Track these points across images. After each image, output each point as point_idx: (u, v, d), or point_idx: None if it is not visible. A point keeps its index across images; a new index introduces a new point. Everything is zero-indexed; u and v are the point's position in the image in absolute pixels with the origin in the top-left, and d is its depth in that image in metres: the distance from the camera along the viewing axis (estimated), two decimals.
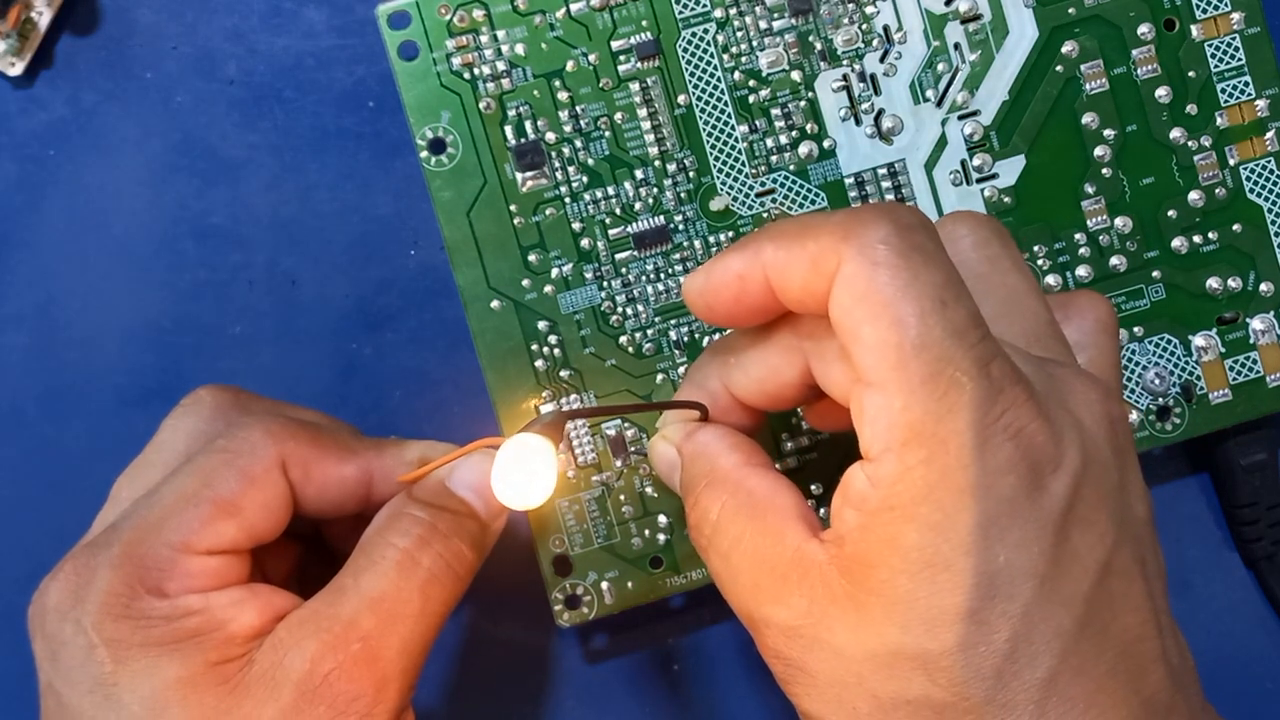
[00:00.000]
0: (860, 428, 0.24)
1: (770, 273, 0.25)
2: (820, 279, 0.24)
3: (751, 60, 0.34)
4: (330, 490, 0.30)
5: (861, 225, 0.24)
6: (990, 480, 0.23)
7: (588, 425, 0.34)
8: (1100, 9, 0.34)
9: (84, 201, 0.35)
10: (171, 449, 0.30)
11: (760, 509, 0.26)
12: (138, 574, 0.27)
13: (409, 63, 0.33)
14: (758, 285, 0.26)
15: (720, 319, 0.27)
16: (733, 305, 0.26)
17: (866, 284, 0.23)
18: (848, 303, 0.24)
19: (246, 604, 0.27)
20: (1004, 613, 0.23)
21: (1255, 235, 0.35)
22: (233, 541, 0.28)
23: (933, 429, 0.23)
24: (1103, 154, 0.34)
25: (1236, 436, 0.36)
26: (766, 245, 0.25)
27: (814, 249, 0.24)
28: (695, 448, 0.28)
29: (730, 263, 0.26)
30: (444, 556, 0.29)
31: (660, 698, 0.37)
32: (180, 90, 0.35)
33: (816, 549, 0.25)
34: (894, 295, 0.23)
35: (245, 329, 0.36)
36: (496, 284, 0.33)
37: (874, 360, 0.23)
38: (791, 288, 0.25)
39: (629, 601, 0.34)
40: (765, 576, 0.25)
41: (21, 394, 0.35)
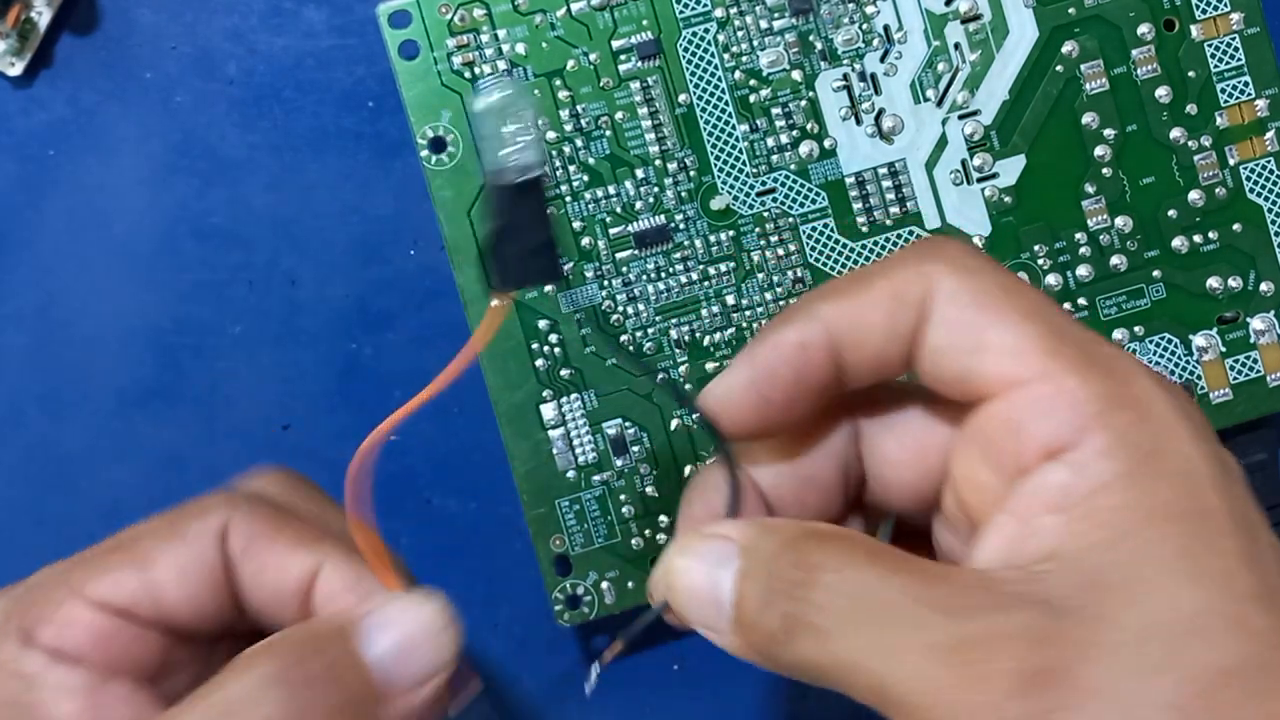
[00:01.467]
0: (1020, 436, 0.21)
1: (836, 329, 0.22)
2: (908, 311, 0.22)
3: (752, 60, 0.34)
4: (269, 576, 0.24)
5: (936, 248, 0.22)
6: (1200, 429, 0.20)
7: (588, 424, 0.34)
8: (1100, 9, 0.34)
9: (84, 201, 0.35)
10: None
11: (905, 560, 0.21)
12: (20, 609, 0.24)
13: (409, 62, 0.33)
14: (821, 354, 0.22)
15: (774, 414, 0.23)
16: (792, 387, 0.22)
17: (974, 290, 0.21)
18: (958, 314, 0.21)
19: (74, 697, 0.23)
20: (1271, 545, 0.20)
21: (1255, 235, 0.35)
22: (130, 596, 0.24)
23: (1125, 393, 0.20)
24: (1103, 154, 0.34)
25: (1236, 436, 0.36)
26: (820, 305, 0.22)
27: (891, 284, 0.22)
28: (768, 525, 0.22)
29: (783, 334, 0.22)
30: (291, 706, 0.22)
31: (660, 698, 0.37)
32: (180, 90, 0.35)
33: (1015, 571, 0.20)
34: (1009, 293, 0.21)
35: (245, 329, 0.36)
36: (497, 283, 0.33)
37: (1019, 358, 0.21)
38: (872, 338, 0.22)
39: (630, 601, 0.34)
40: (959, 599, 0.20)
41: (21, 394, 0.35)
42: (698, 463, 0.34)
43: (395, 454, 0.36)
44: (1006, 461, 0.21)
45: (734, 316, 0.34)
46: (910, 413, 0.24)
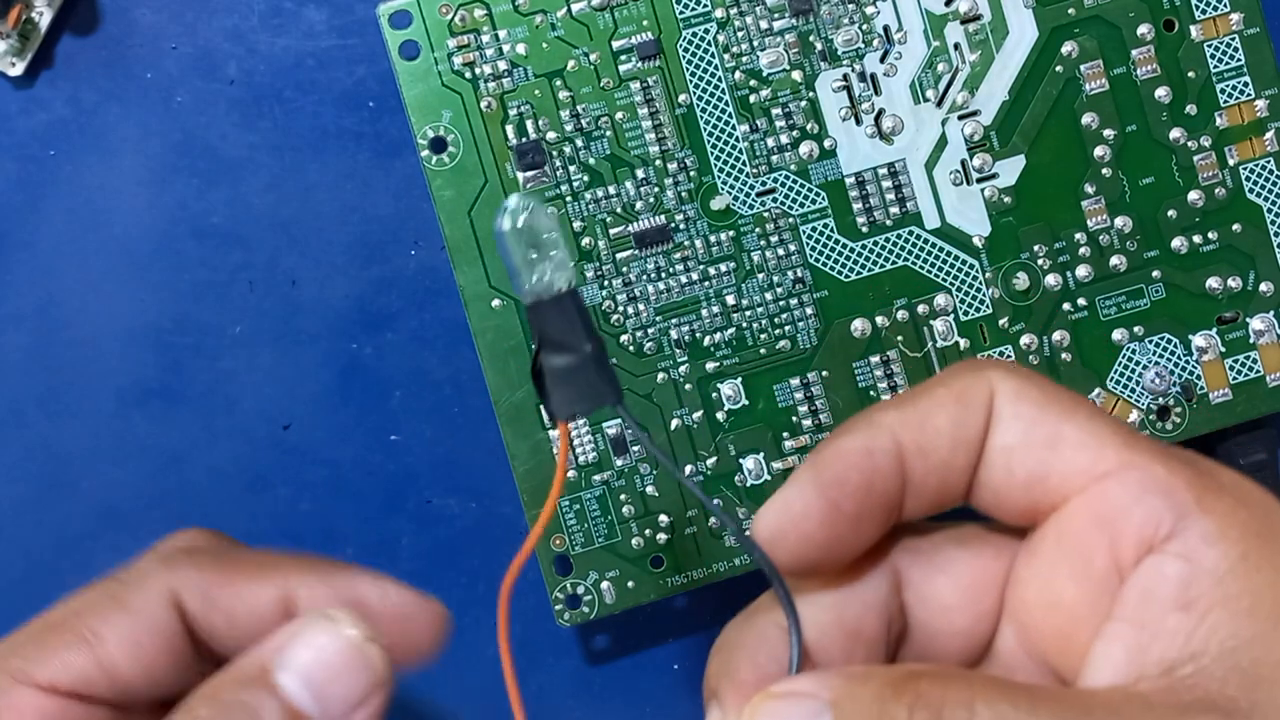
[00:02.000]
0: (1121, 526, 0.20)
1: (901, 436, 0.21)
2: (975, 413, 0.21)
3: (752, 60, 0.34)
4: (241, 617, 0.24)
5: (985, 361, 0.22)
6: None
7: (588, 424, 0.34)
8: (1100, 9, 0.34)
9: (84, 201, 0.35)
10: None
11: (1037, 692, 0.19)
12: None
13: (410, 62, 0.33)
14: (889, 461, 0.21)
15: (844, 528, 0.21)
16: (864, 496, 0.21)
17: (1040, 389, 0.21)
18: (1031, 410, 0.21)
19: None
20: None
21: (1255, 235, 0.35)
22: (81, 677, 0.23)
23: (1216, 482, 0.20)
24: (1103, 154, 0.34)
25: (1236, 436, 0.36)
26: (882, 414, 0.21)
27: (953, 390, 0.21)
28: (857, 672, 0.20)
29: (847, 442, 0.21)
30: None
31: (661, 698, 0.37)
32: (180, 90, 0.35)
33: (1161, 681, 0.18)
34: (1073, 395, 0.21)
35: (245, 329, 0.36)
36: (497, 283, 0.33)
37: (1096, 451, 0.20)
38: (937, 444, 0.21)
39: (630, 601, 0.34)
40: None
41: (21, 394, 0.35)
42: (697, 462, 0.34)
43: (395, 454, 0.36)
44: (1098, 564, 0.20)
45: (734, 316, 0.34)
46: (960, 550, 0.22)
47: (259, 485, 0.36)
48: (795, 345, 0.34)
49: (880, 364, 0.34)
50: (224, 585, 0.24)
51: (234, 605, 0.24)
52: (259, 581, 0.24)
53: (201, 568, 0.24)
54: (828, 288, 0.34)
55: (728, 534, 0.34)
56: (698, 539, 0.34)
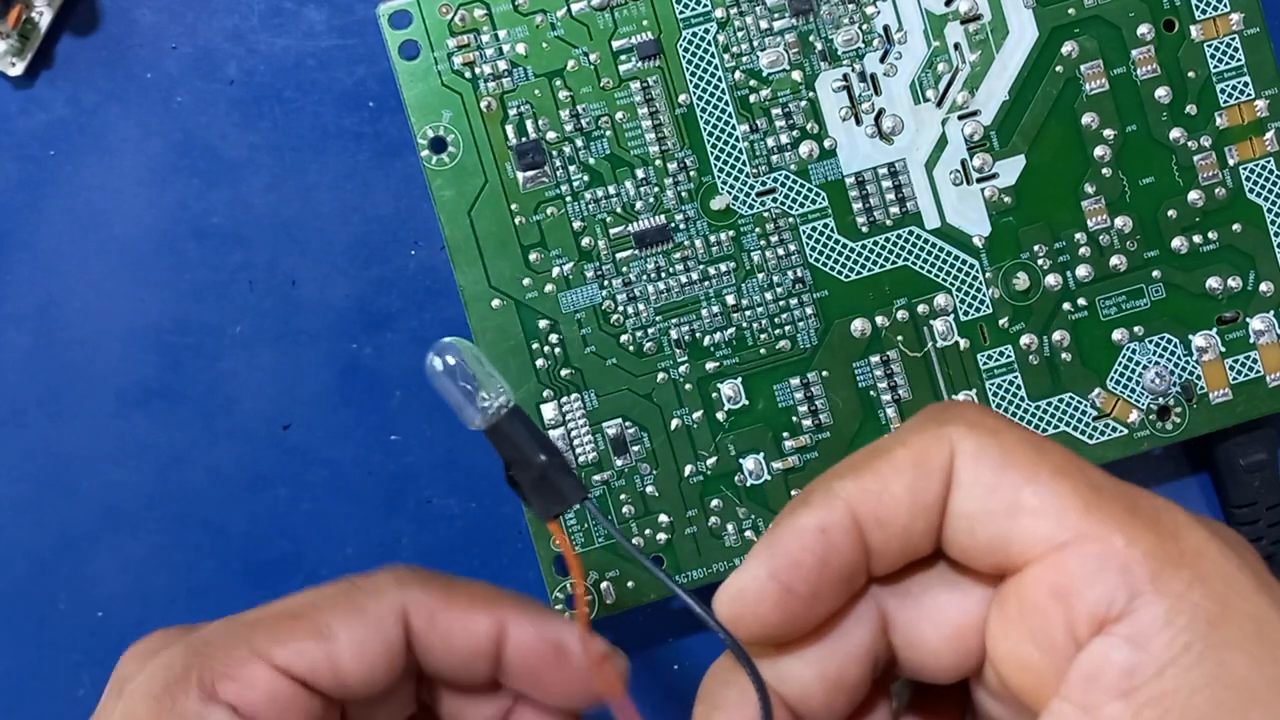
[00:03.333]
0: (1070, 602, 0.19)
1: (860, 508, 0.21)
2: (931, 480, 0.21)
3: (752, 60, 0.34)
4: (457, 642, 0.26)
5: (948, 411, 0.21)
6: (1263, 576, 0.20)
7: (589, 424, 0.34)
8: (1100, 9, 0.34)
9: (84, 201, 0.35)
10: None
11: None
12: (199, 662, 0.24)
13: (410, 62, 0.33)
14: (844, 536, 0.21)
15: (798, 606, 0.21)
16: (817, 576, 0.21)
17: (1000, 449, 0.20)
18: (989, 476, 0.20)
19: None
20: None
21: (1255, 235, 0.35)
22: (311, 668, 0.25)
23: (1177, 551, 0.19)
24: (1103, 154, 0.34)
25: (1236, 436, 0.36)
26: (838, 483, 0.21)
27: (910, 453, 0.21)
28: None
29: (801, 520, 0.21)
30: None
31: (661, 698, 0.37)
32: (180, 90, 0.35)
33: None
34: (1036, 449, 0.20)
35: (245, 329, 0.36)
36: (497, 283, 0.34)
37: (1058, 519, 0.20)
38: (896, 513, 0.21)
39: (630, 601, 0.34)
40: None
41: (21, 394, 0.35)
42: (697, 462, 0.34)
43: (395, 454, 0.36)
44: (1055, 635, 0.20)
45: (734, 316, 0.34)
46: (942, 593, 0.22)
47: (259, 485, 0.36)
48: (795, 345, 0.34)
49: (880, 364, 0.34)
50: (447, 610, 0.26)
51: (453, 630, 0.26)
52: (478, 612, 0.26)
53: (430, 591, 0.26)
54: (828, 288, 0.34)
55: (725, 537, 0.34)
56: (698, 539, 0.34)
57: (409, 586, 0.26)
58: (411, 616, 0.26)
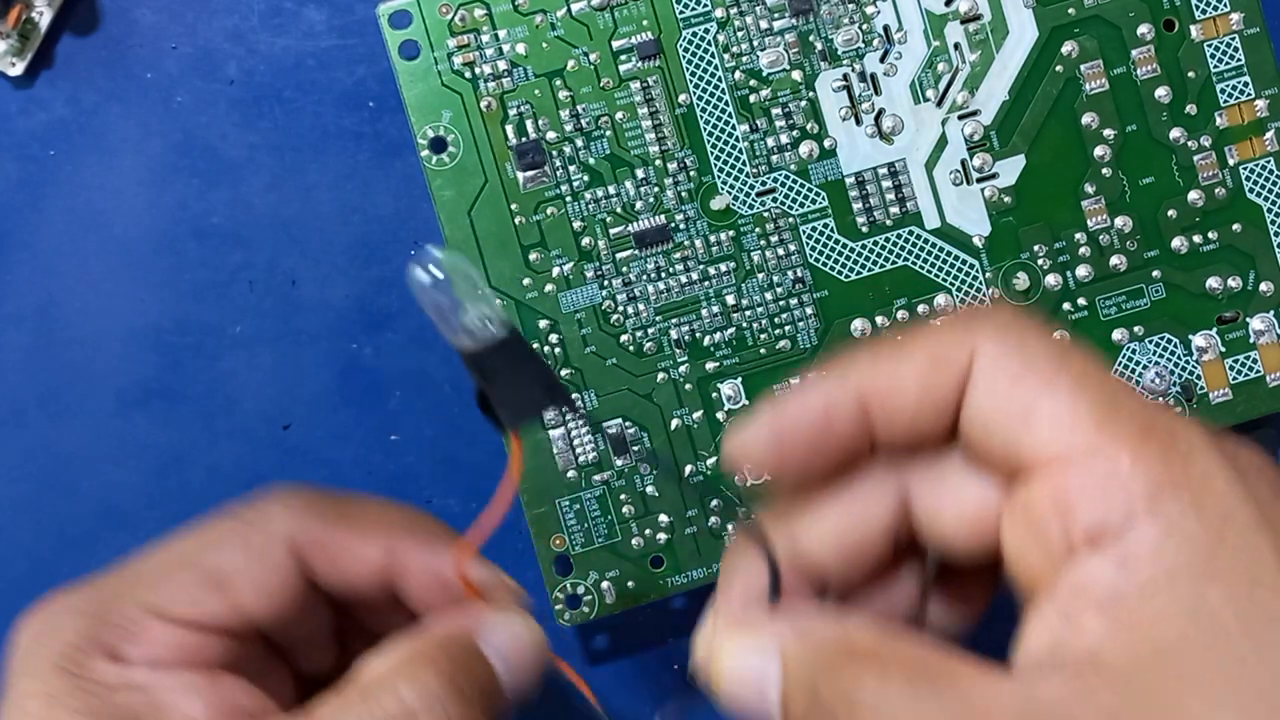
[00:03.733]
0: (1068, 517, 0.20)
1: (871, 393, 0.22)
2: (947, 377, 0.21)
3: (752, 60, 0.34)
4: (348, 570, 0.26)
5: (980, 314, 0.22)
6: (1270, 510, 0.19)
7: (589, 424, 0.34)
8: (1100, 9, 0.34)
9: (84, 201, 0.35)
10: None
11: (939, 672, 0.20)
12: (100, 628, 0.24)
13: (410, 62, 0.33)
14: (847, 418, 0.22)
15: (789, 472, 0.23)
16: (810, 450, 0.22)
17: (1023, 357, 0.21)
18: (1006, 384, 0.21)
19: (199, 694, 0.24)
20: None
21: (1255, 235, 0.35)
22: (213, 616, 0.25)
23: (1184, 474, 0.19)
24: (1103, 154, 0.34)
25: (1236, 437, 0.36)
26: (858, 368, 0.22)
27: (930, 350, 0.21)
28: (808, 631, 0.22)
29: (809, 397, 0.22)
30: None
31: (661, 698, 0.37)
32: (180, 90, 0.35)
33: (1056, 687, 0.19)
34: (1060, 358, 0.20)
35: (245, 329, 0.36)
36: (497, 283, 0.34)
37: (1069, 430, 0.20)
38: (904, 404, 0.22)
39: (630, 601, 0.34)
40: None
41: (21, 394, 0.35)
42: (697, 462, 0.34)
43: (395, 454, 0.36)
44: (1053, 542, 0.20)
45: (734, 316, 0.34)
46: (962, 480, 0.22)
47: (259, 485, 0.36)
48: (795, 345, 0.34)
49: None
50: (338, 539, 0.26)
51: (344, 559, 0.26)
52: (369, 539, 0.26)
53: (320, 518, 0.26)
54: (828, 288, 0.34)
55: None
56: (698, 539, 0.34)
57: (298, 514, 0.26)
58: (302, 546, 0.26)
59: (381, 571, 0.27)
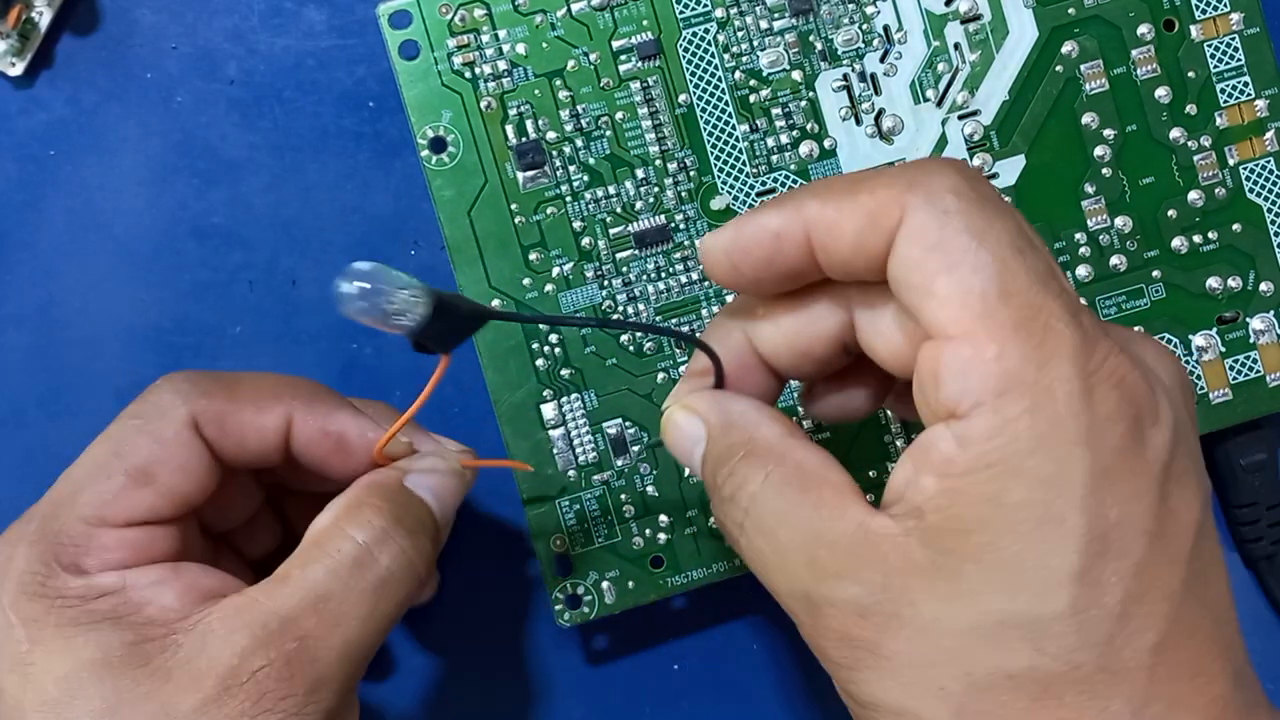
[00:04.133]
0: (937, 387, 0.22)
1: (814, 231, 0.24)
2: (878, 235, 0.23)
3: (752, 60, 0.34)
4: (249, 442, 0.28)
5: (926, 174, 0.23)
6: (1101, 429, 0.21)
7: (589, 424, 0.34)
8: (1100, 9, 0.34)
9: (84, 201, 0.35)
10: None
11: (811, 482, 0.24)
12: (53, 551, 0.26)
13: (410, 62, 0.33)
14: (796, 246, 0.24)
15: (744, 283, 0.25)
16: (762, 268, 0.25)
17: (939, 233, 0.22)
18: (917, 255, 0.22)
19: (167, 584, 0.26)
20: (1117, 571, 0.21)
21: (1255, 235, 0.35)
22: (151, 509, 0.27)
23: (1034, 376, 0.21)
24: (1103, 154, 0.34)
25: (1236, 436, 0.36)
26: (810, 202, 0.24)
27: (871, 202, 0.23)
28: (728, 417, 0.26)
29: (765, 220, 0.24)
30: (407, 554, 0.27)
31: (661, 698, 0.37)
32: (180, 90, 0.35)
33: (886, 523, 0.23)
34: (972, 242, 0.22)
35: (245, 329, 0.36)
36: (497, 283, 0.34)
37: (954, 311, 0.22)
38: (840, 248, 0.23)
39: (630, 601, 0.34)
40: (824, 553, 0.23)
41: (21, 394, 0.35)
42: None
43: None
44: (926, 399, 0.23)
45: None
46: (896, 320, 0.24)
47: None
48: None
49: None
50: (234, 414, 0.28)
51: (243, 430, 0.28)
52: (263, 411, 0.28)
53: (213, 396, 0.28)
54: None
55: None
56: (697, 539, 0.34)
57: (191, 395, 0.28)
58: (202, 425, 0.28)
59: (281, 436, 0.28)
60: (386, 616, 0.27)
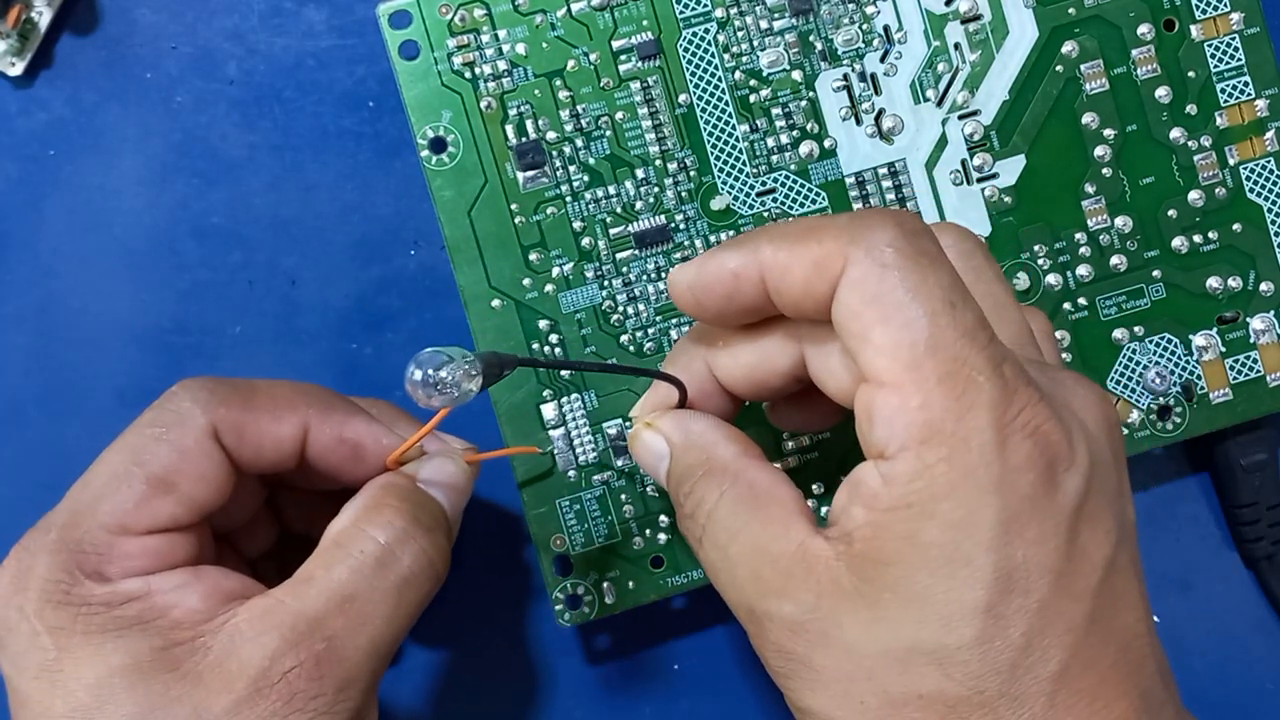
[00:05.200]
0: (870, 427, 0.24)
1: (768, 274, 0.25)
2: (823, 282, 0.24)
3: (752, 60, 0.34)
4: (266, 450, 0.29)
5: (868, 228, 0.24)
6: (1012, 477, 0.23)
7: (589, 424, 0.34)
8: (1100, 9, 0.34)
9: (84, 201, 0.35)
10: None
11: (761, 501, 0.26)
12: (75, 559, 0.26)
13: (410, 62, 0.33)
14: (752, 285, 0.26)
15: (707, 316, 0.27)
16: (723, 303, 0.26)
17: (876, 286, 0.24)
18: (856, 305, 0.24)
19: (190, 588, 0.27)
20: (1021, 608, 0.23)
21: (1255, 235, 0.35)
22: (171, 518, 0.27)
23: (953, 427, 0.23)
24: (1103, 154, 0.34)
25: (1236, 436, 0.36)
26: (765, 245, 0.25)
27: (818, 251, 0.24)
28: (689, 437, 0.28)
29: (725, 259, 0.26)
30: (427, 553, 0.28)
31: (661, 698, 0.37)
32: (180, 90, 0.35)
33: (822, 545, 0.25)
34: (905, 297, 0.23)
35: (245, 329, 0.36)
36: (497, 283, 0.33)
37: (886, 361, 0.23)
38: (790, 290, 0.25)
39: (630, 601, 0.34)
40: (767, 570, 0.25)
41: (21, 394, 0.35)
42: None
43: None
44: (862, 436, 0.24)
45: None
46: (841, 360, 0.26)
47: None
48: None
49: None
50: (253, 422, 0.28)
51: (261, 439, 0.28)
52: (281, 420, 0.29)
53: (230, 404, 0.28)
54: None
55: None
56: None
57: (209, 403, 0.28)
58: (221, 434, 0.28)
59: (297, 444, 0.29)
60: (409, 615, 0.28)
